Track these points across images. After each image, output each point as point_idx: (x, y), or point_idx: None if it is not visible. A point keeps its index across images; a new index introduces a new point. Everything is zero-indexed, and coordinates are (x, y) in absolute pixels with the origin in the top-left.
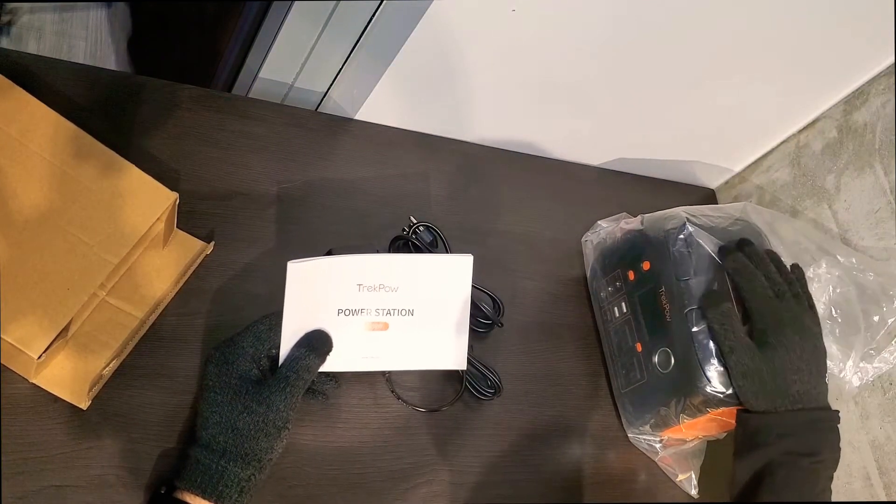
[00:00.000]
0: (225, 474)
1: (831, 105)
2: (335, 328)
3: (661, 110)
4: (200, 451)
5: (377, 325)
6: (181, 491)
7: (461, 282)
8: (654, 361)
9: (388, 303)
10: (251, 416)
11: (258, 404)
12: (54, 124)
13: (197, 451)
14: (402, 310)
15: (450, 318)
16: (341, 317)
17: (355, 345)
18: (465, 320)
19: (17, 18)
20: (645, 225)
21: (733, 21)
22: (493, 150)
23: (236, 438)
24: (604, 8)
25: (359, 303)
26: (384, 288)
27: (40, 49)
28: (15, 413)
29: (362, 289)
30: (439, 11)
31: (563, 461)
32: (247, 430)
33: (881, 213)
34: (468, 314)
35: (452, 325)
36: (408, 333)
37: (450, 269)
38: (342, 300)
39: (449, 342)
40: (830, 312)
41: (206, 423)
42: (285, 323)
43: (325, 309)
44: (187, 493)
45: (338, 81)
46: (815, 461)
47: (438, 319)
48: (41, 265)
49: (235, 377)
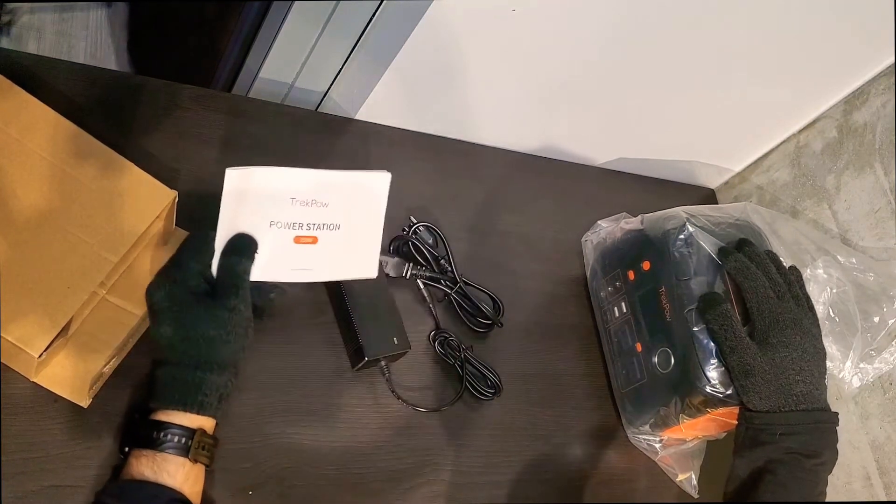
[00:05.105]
0: (203, 384)
1: (831, 105)
2: (266, 239)
3: (661, 110)
4: (173, 368)
5: (307, 239)
6: (159, 411)
7: (379, 197)
8: (654, 361)
9: (318, 217)
10: (220, 324)
11: (223, 310)
12: (54, 124)
13: (169, 369)
14: (330, 224)
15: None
16: (273, 228)
17: (285, 256)
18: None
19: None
20: (645, 225)
21: (733, 21)
22: (493, 149)
23: (209, 348)
24: (604, 8)
25: (291, 216)
26: (316, 203)
27: (40, 49)
28: (15, 413)
29: (295, 203)
30: (439, 11)
31: (563, 461)
32: (219, 337)
33: (881, 213)
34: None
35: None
36: (333, 247)
37: (370, 185)
38: (274, 212)
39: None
40: (829, 313)
41: (172, 341)
42: (219, 232)
43: (258, 219)
44: (166, 410)
45: (338, 81)
46: (816, 463)
47: (358, 233)
48: (41, 264)
49: (189, 294)
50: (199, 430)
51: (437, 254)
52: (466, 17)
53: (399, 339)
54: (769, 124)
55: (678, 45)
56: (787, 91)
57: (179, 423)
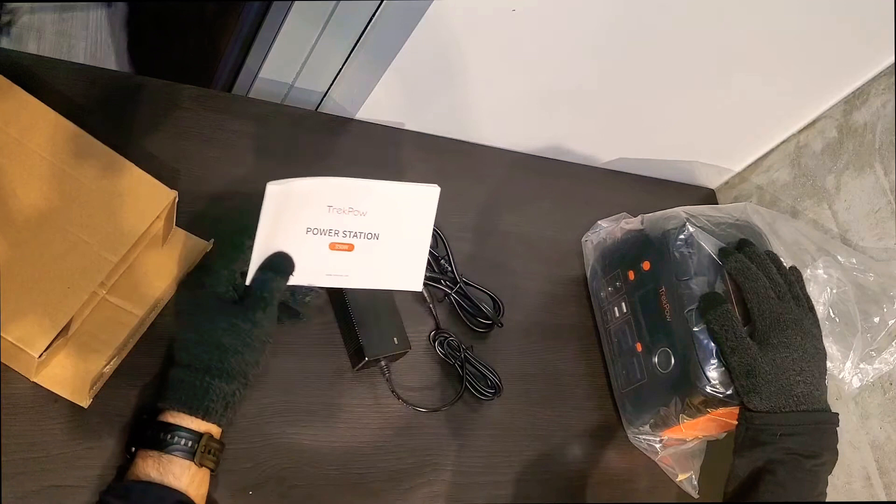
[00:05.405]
0: (210, 390)
1: (831, 105)
2: (302, 245)
3: (661, 110)
4: (183, 371)
5: (343, 246)
6: (165, 412)
7: (427, 211)
8: (654, 361)
9: (355, 226)
10: (237, 333)
11: (243, 321)
12: (54, 124)
13: (179, 371)
14: (368, 233)
15: (412, 244)
16: (309, 235)
17: (320, 262)
18: (426, 246)
19: (17, 18)
20: (645, 225)
21: (733, 21)
22: (493, 150)
23: (221, 355)
24: (604, 8)
25: (327, 223)
26: (353, 211)
27: (40, 49)
28: (15, 413)
29: (332, 210)
30: (439, 11)
31: (563, 461)
32: (232, 347)
33: (881, 213)
34: (429, 241)
35: (413, 250)
36: (371, 255)
37: (417, 197)
38: (311, 219)
39: (408, 265)
40: (829, 313)
41: (187, 343)
42: (257, 243)
43: (295, 227)
44: (172, 412)
45: (338, 81)
46: (816, 464)
47: (402, 244)
48: (41, 264)
49: (213, 298)
50: (206, 435)
51: (438, 254)
52: (466, 17)
53: (399, 340)
54: (769, 124)
55: (678, 45)
56: (787, 91)
57: (187, 426)
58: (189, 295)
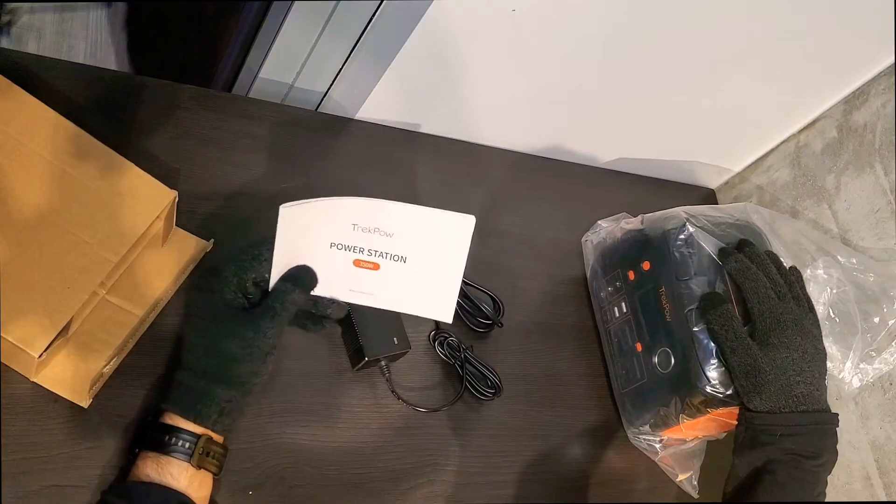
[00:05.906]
0: (205, 394)
1: (831, 105)
2: (326, 259)
3: (661, 110)
4: (184, 374)
5: (367, 264)
6: (165, 413)
7: (460, 240)
8: (654, 361)
9: (381, 246)
10: (239, 341)
11: (246, 329)
12: (54, 124)
13: (181, 374)
14: (394, 255)
15: (443, 272)
16: (333, 249)
17: (344, 277)
18: (458, 277)
19: (17, 18)
20: (645, 225)
21: (733, 22)
22: (493, 149)
23: (221, 361)
24: (604, 8)
25: (352, 240)
26: (379, 231)
27: (40, 49)
28: (15, 413)
29: (357, 228)
30: (439, 12)
31: (563, 461)
32: (233, 354)
33: (881, 213)
34: (462, 272)
35: (445, 280)
36: (398, 278)
37: (450, 226)
38: (336, 235)
39: (439, 294)
40: (829, 313)
41: (192, 347)
42: (276, 258)
43: (318, 242)
44: (169, 414)
45: (338, 81)
46: (816, 464)
47: (432, 271)
48: (41, 264)
49: (221, 304)
50: (204, 437)
51: None
52: (466, 17)
53: (399, 339)
54: (769, 124)
55: (678, 45)
56: (787, 91)
57: (187, 428)
58: (198, 297)
